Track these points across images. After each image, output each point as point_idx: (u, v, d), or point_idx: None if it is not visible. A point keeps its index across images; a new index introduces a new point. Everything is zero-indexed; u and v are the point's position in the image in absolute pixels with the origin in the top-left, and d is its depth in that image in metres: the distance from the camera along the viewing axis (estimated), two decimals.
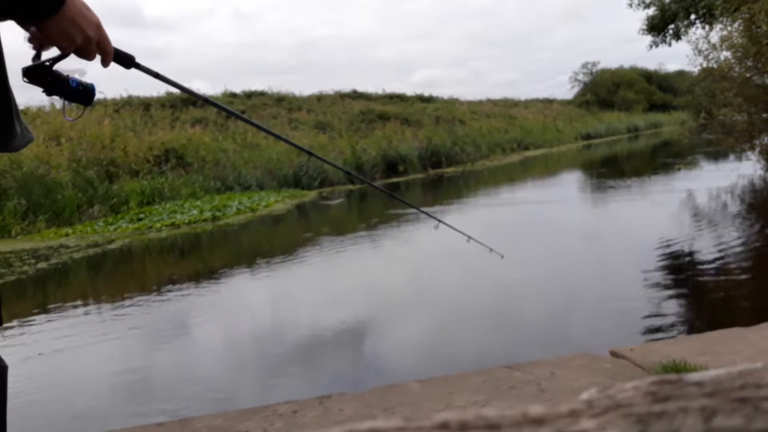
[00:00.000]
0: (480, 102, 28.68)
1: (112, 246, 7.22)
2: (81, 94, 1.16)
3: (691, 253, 4.99)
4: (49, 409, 2.82)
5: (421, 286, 4.76)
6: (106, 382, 3.16)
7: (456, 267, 5.24)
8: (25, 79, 1.10)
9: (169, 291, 5.03)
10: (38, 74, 1.11)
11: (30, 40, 1.10)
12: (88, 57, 1.09)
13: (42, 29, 1.01)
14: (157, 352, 3.58)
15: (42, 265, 6.26)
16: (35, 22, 1.01)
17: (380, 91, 24.56)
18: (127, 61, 1.19)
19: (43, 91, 1.13)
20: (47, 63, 1.11)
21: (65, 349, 3.73)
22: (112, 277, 6.03)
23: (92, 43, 1.06)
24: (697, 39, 9.80)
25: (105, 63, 1.14)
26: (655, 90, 39.10)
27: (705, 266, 4.55)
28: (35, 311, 4.54)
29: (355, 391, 2.40)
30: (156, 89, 18.71)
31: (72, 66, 1.16)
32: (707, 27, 13.63)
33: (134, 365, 3.35)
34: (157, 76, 1.28)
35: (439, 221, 2.47)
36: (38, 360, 3.52)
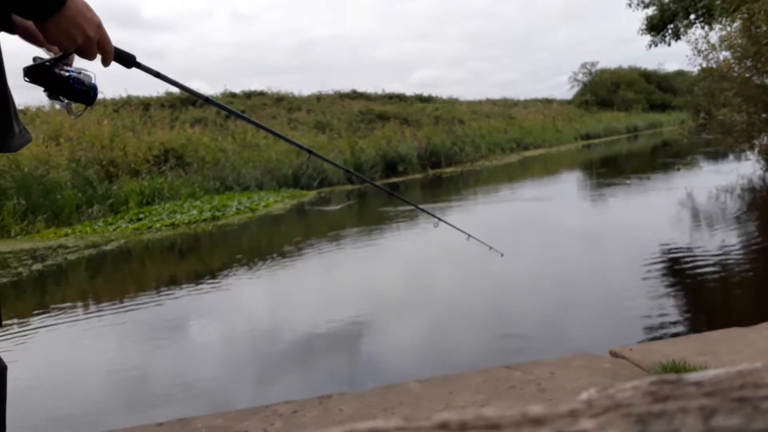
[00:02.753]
0: (479, 102, 28.69)
1: (112, 246, 7.21)
2: (83, 94, 1.15)
3: (690, 253, 4.99)
4: (47, 409, 2.82)
5: (420, 285, 4.76)
6: (105, 382, 3.16)
7: (455, 267, 5.24)
8: (26, 78, 1.10)
9: (168, 291, 5.03)
10: (39, 74, 1.11)
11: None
12: (89, 57, 1.09)
13: (42, 29, 1.01)
14: (157, 351, 3.58)
15: (41, 265, 6.25)
16: (36, 22, 1.01)
17: (379, 91, 24.57)
18: (127, 60, 1.19)
19: (44, 91, 1.13)
20: (48, 63, 1.11)
21: (63, 349, 3.74)
22: (112, 277, 6.03)
23: (93, 43, 1.06)
24: (696, 39, 9.82)
25: (106, 62, 1.14)
26: (654, 90, 39.12)
27: (704, 266, 4.55)
28: (34, 311, 4.54)
29: (355, 391, 2.40)
30: (155, 89, 18.71)
31: (75, 66, 1.16)
32: (707, 27, 13.63)
33: (133, 365, 3.35)
34: (158, 75, 1.28)
35: (439, 219, 2.47)
36: (36, 360, 3.52)
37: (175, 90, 18.44)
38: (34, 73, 1.10)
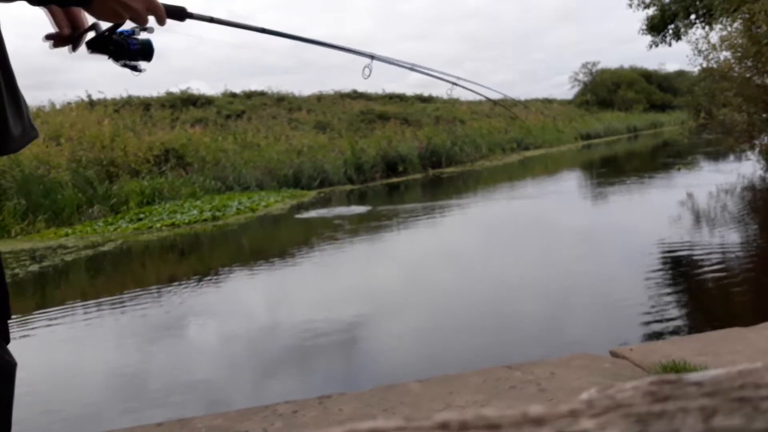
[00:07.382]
0: (479, 102, 28.60)
1: (112, 246, 7.21)
2: (142, 52, 1.21)
3: (690, 253, 4.99)
4: (46, 409, 2.82)
5: (419, 284, 4.76)
6: (105, 382, 3.16)
7: (453, 266, 5.24)
8: (90, 50, 1.16)
9: (167, 291, 5.03)
10: (100, 45, 1.16)
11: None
12: (141, 23, 1.13)
13: (89, 11, 1.05)
14: (156, 351, 3.58)
15: (40, 265, 6.25)
16: (79, 6, 1.04)
17: (380, 91, 24.51)
18: (180, 14, 1.23)
19: (108, 58, 1.18)
20: (106, 34, 1.15)
21: (63, 349, 3.73)
22: (111, 276, 6.03)
23: (140, 12, 1.09)
24: (697, 39, 9.81)
25: (160, 23, 1.17)
26: (655, 90, 39.07)
27: (705, 266, 4.55)
28: (34, 311, 4.54)
29: (355, 390, 2.40)
30: (156, 89, 18.66)
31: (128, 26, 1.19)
32: (707, 27, 13.62)
33: (132, 365, 3.34)
34: (212, 20, 1.31)
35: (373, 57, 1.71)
36: (35, 359, 3.52)
37: (175, 90, 18.46)
38: (96, 45, 1.16)
